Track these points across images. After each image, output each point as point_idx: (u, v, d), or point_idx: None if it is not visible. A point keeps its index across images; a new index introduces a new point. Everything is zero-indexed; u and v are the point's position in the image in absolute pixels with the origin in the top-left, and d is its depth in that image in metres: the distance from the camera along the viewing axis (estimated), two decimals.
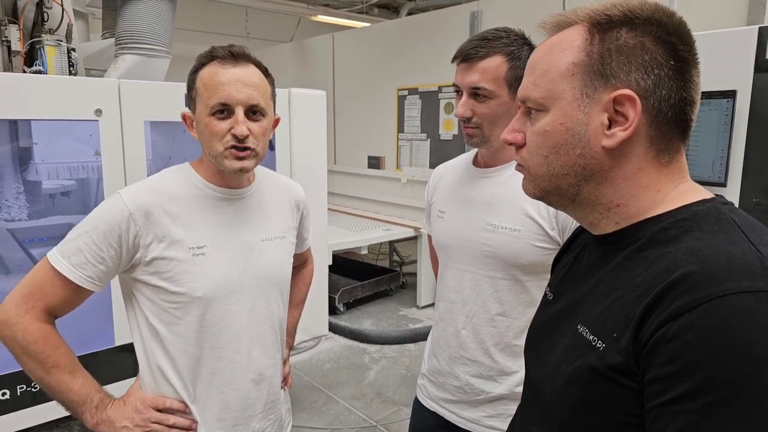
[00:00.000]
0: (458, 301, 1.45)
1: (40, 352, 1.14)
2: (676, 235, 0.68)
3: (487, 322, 1.40)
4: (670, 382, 0.59)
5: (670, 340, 0.59)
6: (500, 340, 1.40)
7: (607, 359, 0.67)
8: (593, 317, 0.72)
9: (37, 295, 1.15)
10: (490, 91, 1.31)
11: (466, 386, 1.45)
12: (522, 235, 1.33)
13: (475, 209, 1.42)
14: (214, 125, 1.18)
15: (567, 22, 0.75)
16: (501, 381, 1.41)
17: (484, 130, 1.35)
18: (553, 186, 0.77)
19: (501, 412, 1.42)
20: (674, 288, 0.61)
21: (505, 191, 1.38)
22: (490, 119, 1.34)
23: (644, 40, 0.69)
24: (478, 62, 1.32)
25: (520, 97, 0.79)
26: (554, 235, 1.32)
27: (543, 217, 1.32)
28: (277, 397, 1.39)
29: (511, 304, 1.38)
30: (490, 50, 1.31)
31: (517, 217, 1.34)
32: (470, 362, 1.44)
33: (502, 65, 1.31)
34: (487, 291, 1.40)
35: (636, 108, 0.69)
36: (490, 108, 1.33)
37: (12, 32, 2.55)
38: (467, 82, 1.33)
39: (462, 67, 1.35)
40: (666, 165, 0.73)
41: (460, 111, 1.34)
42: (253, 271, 1.29)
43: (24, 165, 2.50)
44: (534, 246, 1.33)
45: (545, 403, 0.79)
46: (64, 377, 1.16)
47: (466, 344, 1.44)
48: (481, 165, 1.47)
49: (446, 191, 1.54)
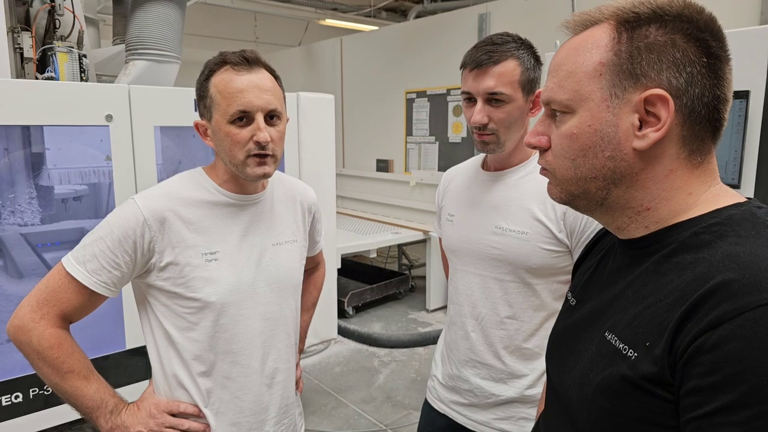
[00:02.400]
0: (467, 304, 1.45)
1: (56, 357, 1.15)
2: (711, 240, 0.66)
3: (496, 325, 1.40)
4: (711, 394, 0.57)
5: (709, 350, 0.57)
6: (510, 343, 1.40)
7: (639, 369, 0.64)
8: (622, 324, 0.70)
9: (52, 301, 1.16)
10: (508, 95, 1.30)
11: (476, 389, 1.45)
12: (530, 238, 1.33)
13: (483, 212, 1.42)
14: (236, 134, 1.18)
15: (592, 21, 0.73)
16: (511, 384, 1.41)
17: (500, 136, 1.34)
18: (580, 190, 0.75)
19: (511, 415, 1.42)
20: (712, 296, 0.59)
21: (513, 194, 1.38)
22: (506, 124, 1.33)
23: (675, 37, 0.67)
24: (492, 67, 1.30)
25: (544, 99, 0.76)
26: (562, 238, 1.32)
27: (551, 219, 1.32)
28: (290, 401, 1.39)
29: (520, 307, 1.38)
30: (503, 54, 1.30)
31: (525, 220, 1.35)
32: (480, 365, 1.44)
33: (516, 69, 1.31)
34: (496, 294, 1.40)
35: (669, 108, 0.66)
36: (506, 113, 1.32)
37: (24, 39, 2.58)
38: (483, 88, 1.31)
39: (474, 74, 1.33)
40: (698, 166, 0.71)
41: (477, 118, 1.32)
42: (265, 276, 1.29)
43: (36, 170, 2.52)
44: (542, 249, 1.33)
45: (572, 413, 0.77)
46: (78, 383, 1.17)
47: (475, 347, 1.44)
48: (490, 168, 1.47)
49: (455, 194, 1.54)
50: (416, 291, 5.57)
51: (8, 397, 2.21)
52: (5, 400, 2.21)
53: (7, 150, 2.40)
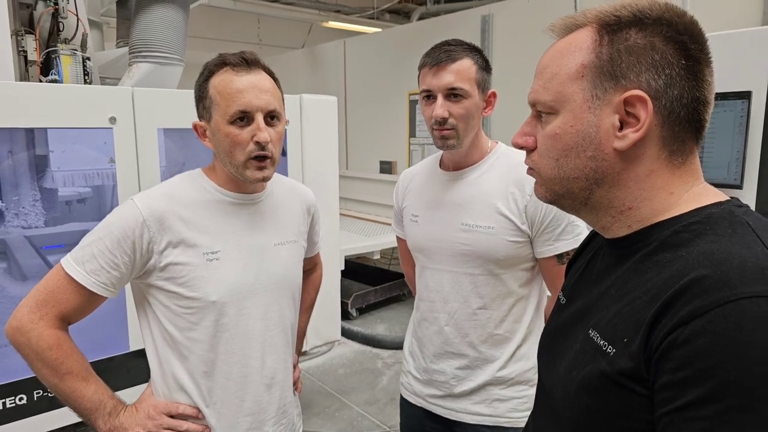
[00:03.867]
0: (439, 300, 1.51)
1: (54, 358, 1.15)
2: (689, 239, 0.67)
3: (468, 316, 1.47)
4: (682, 389, 0.58)
5: (681, 345, 0.58)
6: (483, 331, 1.47)
7: (617, 365, 0.66)
8: (604, 321, 0.71)
9: (51, 302, 1.16)
10: (466, 90, 1.38)
11: (452, 379, 1.51)
12: (496, 232, 1.41)
13: (448, 211, 1.48)
14: (236, 134, 1.18)
15: (576, 24, 0.75)
16: (485, 368, 1.48)
17: (459, 130, 1.40)
18: (564, 190, 0.76)
19: (485, 398, 1.48)
20: (686, 292, 0.60)
21: (476, 191, 1.45)
22: (465, 119, 1.40)
23: (654, 39, 0.68)
24: (450, 64, 1.38)
25: (530, 100, 0.78)
26: (525, 229, 1.40)
27: (513, 212, 1.40)
28: (288, 401, 1.40)
29: (490, 297, 1.45)
30: (460, 54, 1.39)
31: (490, 216, 1.42)
32: (456, 356, 1.50)
33: (472, 66, 1.40)
34: (467, 287, 1.46)
35: (647, 108, 0.68)
36: (465, 108, 1.39)
37: (28, 42, 2.59)
38: (443, 84, 1.38)
39: (434, 71, 1.40)
40: (679, 167, 0.72)
41: (439, 112, 1.38)
42: (266, 276, 1.30)
43: (40, 172, 2.53)
44: (508, 241, 1.41)
45: (557, 410, 0.78)
46: (77, 384, 1.17)
47: (450, 340, 1.50)
48: (449, 168, 1.53)
49: (417, 195, 1.60)
50: None
51: (12, 399, 2.22)
52: (9, 402, 2.21)
53: (11, 152, 2.41)
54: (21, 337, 1.15)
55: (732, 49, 2.24)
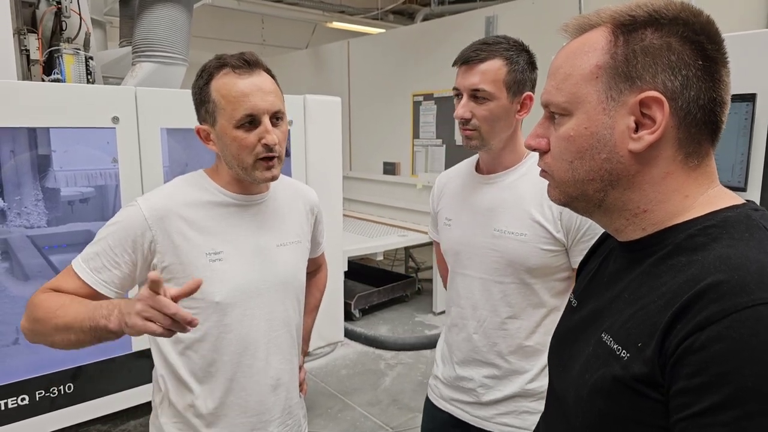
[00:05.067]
0: (468, 307, 1.48)
1: (47, 305, 1.11)
2: (705, 243, 0.66)
3: (498, 325, 1.43)
4: (698, 395, 0.57)
5: (697, 350, 0.58)
6: (512, 342, 1.43)
7: (631, 369, 0.65)
8: (618, 325, 0.71)
9: (53, 287, 1.17)
10: (490, 93, 1.34)
11: (479, 387, 1.47)
12: (529, 239, 1.36)
13: (481, 216, 1.45)
14: (243, 138, 1.17)
15: (590, 25, 0.73)
16: (514, 380, 1.44)
17: (482, 132, 1.37)
18: (578, 192, 0.75)
19: (513, 409, 1.45)
20: (702, 297, 0.59)
21: (509, 196, 1.41)
22: (489, 121, 1.36)
23: (670, 40, 0.67)
24: (478, 65, 1.35)
25: (543, 101, 0.77)
26: (560, 237, 1.35)
27: (548, 219, 1.35)
28: (294, 403, 1.39)
29: (520, 307, 1.41)
30: (490, 54, 1.35)
31: (523, 222, 1.37)
32: (484, 364, 1.46)
33: (501, 68, 1.35)
34: (496, 296, 1.42)
35: (663, 110, 0.67)
36: (489, 110, 1.35)
37: (31, 41, 2.59)
38: (467, 84, 1.36)
39: (462, 70, 1.38)
40: (695, 169, 0.71)
41: (460, 112, 1.37)
42: (270, 276, 1.29)
43: (43, 172, 2.52)
44: (540, 249, 1.36)
45: (569, 414, 0.78)
46: (74, 307, 1.09)
47: (478, 348, 1.46)
48: (483, 171, 1.50)
49: (451, 199, 1.56)
50: (423, 293, 5.55)
51: (14, 400, 2.21)
52: (11, 403, 2.21)
53: (14, 152, 2.40)
54: (28, 312, 1.14)
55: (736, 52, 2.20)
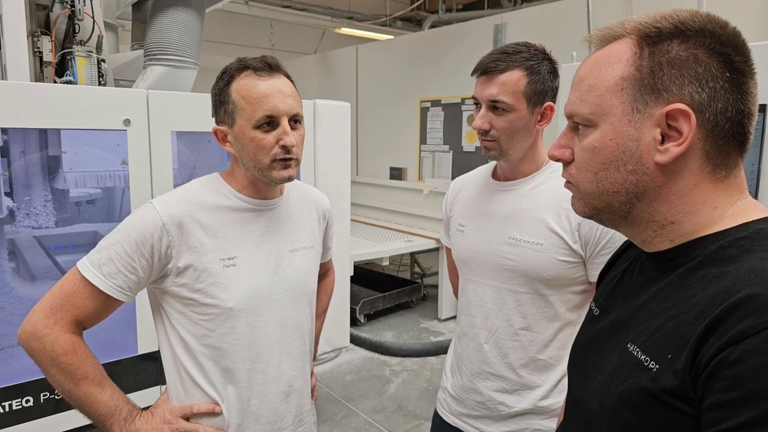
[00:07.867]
0: (480, 316, 1.44)
1: (69, 364, 1.13)
2: (737, 254, 0.65)
3: (510, 336, 1.39)
4: (733, 409, 0.56)
5: (732, 364, 0.57)
6: (524, 354, 1.39)
7: (660, 381, 0.64)
8: (645, 336, 0.70)
9: (66, 306, 1.14)
10: (509, 104, 1.31)
11: (488, 401, 1.43)
12: (545, 249, 1.33)
13: (496, 223, 1.41)
14: (261, 139, 1.18)
15: (614, 36, 0.73)
16: (525, 395, 1.40)
17: (501, 143, 1.35)
18: (604, 204, 0.75)
19: (525, 426, 1.40)
20: (737, 310, 0.59)
21: (527, 205, 1.38)
22: (508, 132, 1.33)
23: (697, 52, 0.67)
24: (497, 75, 1.31)
25: (567, 112, 0.77)
26: (577, 249, 1.32)
27: (565, 230, 1.32)
28: (305, 410, 1.38)
29: (534, 318, 1.37)
30: (510, 64, 1.31)
31: (540, 231, 1.34)
32: (493, 377, 1.43)
33: (521, 79, 1.31)
34: (510, 305, 1.39)
35: (690, 122, 0.66)
36: (508, 121, 1.32)
37: (44, 43, 2.60)
38: (486, 95, 1.33)
39: (481, 80, 1.35)
40: (723, 180, 0.70)
41: (478, 123, 1.35)
42: (283, 282, 1.28)
43: (53, 173, 2.53)
44: (557, 260, 1.33)
45: (591, 423, 0.77)
46: (92, 389, 1.15)
47: (488, 359, 1.43)
48: (500, 178, 1.47)
49: (465, 204, 1.53)
50: (428, 300, 5.53)
51: (19, 402, 2.21)
52: (16, 404, 2.20)
53: (24, 153, 2.41)
54: (35, 343, 1.12)
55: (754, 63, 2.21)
